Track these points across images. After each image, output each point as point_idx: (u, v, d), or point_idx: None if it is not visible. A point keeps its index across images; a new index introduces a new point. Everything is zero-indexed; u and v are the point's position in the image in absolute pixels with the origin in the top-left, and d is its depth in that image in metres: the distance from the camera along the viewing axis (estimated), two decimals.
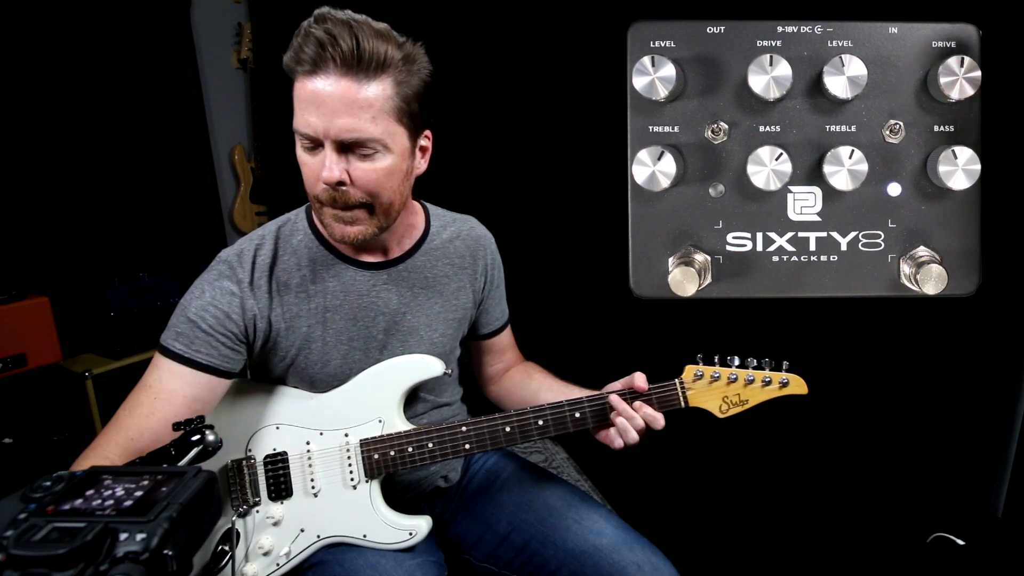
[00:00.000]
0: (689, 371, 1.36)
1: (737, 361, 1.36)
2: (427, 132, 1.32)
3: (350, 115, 1.16)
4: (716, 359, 1.36)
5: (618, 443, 1.34)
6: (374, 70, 1.16)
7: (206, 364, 1.24)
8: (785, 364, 1.36)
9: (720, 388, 1.36)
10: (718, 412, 1.37)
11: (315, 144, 1.20)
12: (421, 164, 1.34)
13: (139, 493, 0.62)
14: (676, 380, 1.37)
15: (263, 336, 1.32)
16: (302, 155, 1.23)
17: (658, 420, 1.32)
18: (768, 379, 1.35)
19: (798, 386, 1.35)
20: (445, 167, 1.42)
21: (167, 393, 1.23)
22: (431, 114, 1.29)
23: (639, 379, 1.36)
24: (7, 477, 2.43)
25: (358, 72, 1.15)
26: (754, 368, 1.35)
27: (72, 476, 0.65)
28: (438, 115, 1.33)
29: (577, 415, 1.35)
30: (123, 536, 0.57)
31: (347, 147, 1.19)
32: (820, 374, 1.41)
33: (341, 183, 1.20)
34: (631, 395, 1.35)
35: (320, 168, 1.20)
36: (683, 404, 1.36)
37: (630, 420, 1.31)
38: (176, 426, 1.08)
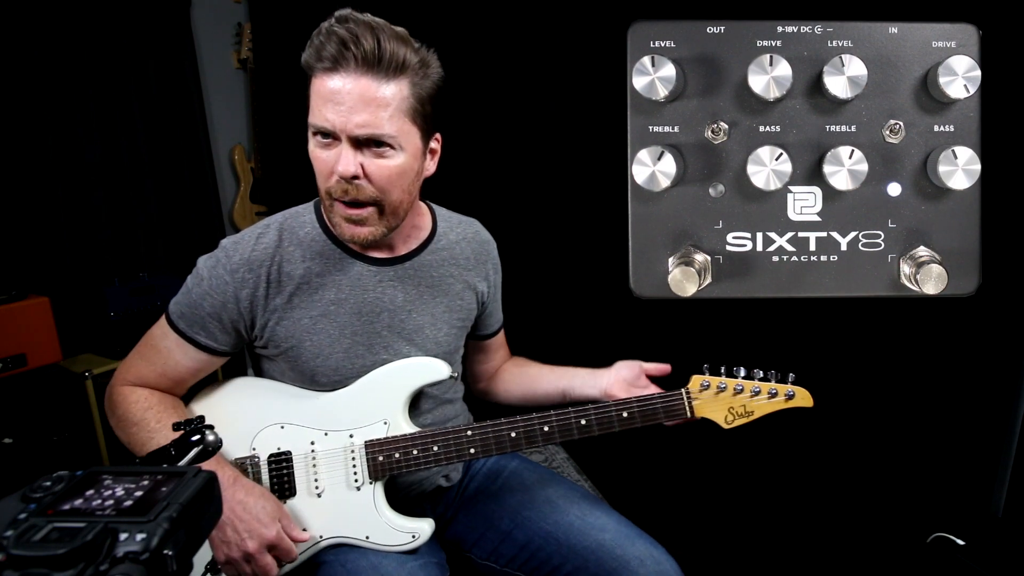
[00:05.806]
0: (695, 381, 1.36)
1: (743, 371, 1.35)
2: (437, 135, 1.35)
3: (368, 112, 1.19)
4: (723, 369, 1.35)
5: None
6: (392, 71, 1.20)
7: (204, 345, 1.34)
8: (791, 376, 1.35)
9: (726, 399, 1.35)
10: (723, 423, 1.36)
11: (330, 139, 1.22)
12: (430, 166, 1.36)
13: (139, 493, 0.62)
14: (682, 390, 1.36)
15: (261, 323, 1.34)
16: (315, 151, 1.25)
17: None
18: (774, 391, 1.34)
19: (804, 399, 1.35)
20: (445, 166, 1.42)
21: (174, 362, 1.38)
22: (441, 117, 1.33)
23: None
24: (7, 477, 2.43)
25: (377, 72, 1.19)
26: (760, 379, 1.35)
27: (72, 476, 0.65)
28: (446, 117, 1.37)
29: (583, 422, 1.35)
30: (123, 536, 0.56)
31: (362, 143, 1.22)
32: (820, 374, 1.41)
33: (355, 177, 1.22)
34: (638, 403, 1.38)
35: (334, 162, 1.23)
36: (689, 415, 1.36)
37: None
38: (176, 426, 1.08)
